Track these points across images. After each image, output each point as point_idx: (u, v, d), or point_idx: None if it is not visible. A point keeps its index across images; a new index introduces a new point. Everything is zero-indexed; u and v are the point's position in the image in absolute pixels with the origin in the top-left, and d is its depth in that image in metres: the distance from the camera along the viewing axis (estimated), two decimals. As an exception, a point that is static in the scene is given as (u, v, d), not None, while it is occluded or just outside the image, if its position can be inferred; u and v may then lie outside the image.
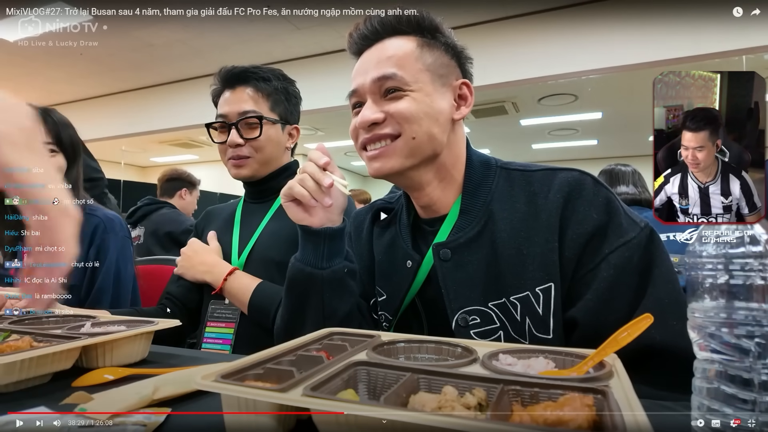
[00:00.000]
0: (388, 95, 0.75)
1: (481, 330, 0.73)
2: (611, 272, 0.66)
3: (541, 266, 0.70)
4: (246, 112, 1.13)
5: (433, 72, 0.76)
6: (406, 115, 0.73)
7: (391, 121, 0.75)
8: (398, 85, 0.74)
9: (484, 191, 0.78)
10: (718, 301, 0.38)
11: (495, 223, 0.74)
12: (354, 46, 0.81)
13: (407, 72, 0.74)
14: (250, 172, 1.16)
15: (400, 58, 0.75)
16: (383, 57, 0.76)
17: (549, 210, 0.71)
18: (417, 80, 0.75)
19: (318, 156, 0.77)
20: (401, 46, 0.76)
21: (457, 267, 0.75)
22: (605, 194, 0.70)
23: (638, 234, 0.67)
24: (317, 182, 0.76)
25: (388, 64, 0.75)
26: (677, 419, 0.48)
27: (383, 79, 0.75)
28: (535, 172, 0.76)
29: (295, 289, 0.79)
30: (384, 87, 0.75)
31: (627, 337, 0.50)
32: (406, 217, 0.85)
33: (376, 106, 0.76)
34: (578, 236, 0.69)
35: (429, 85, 0.75)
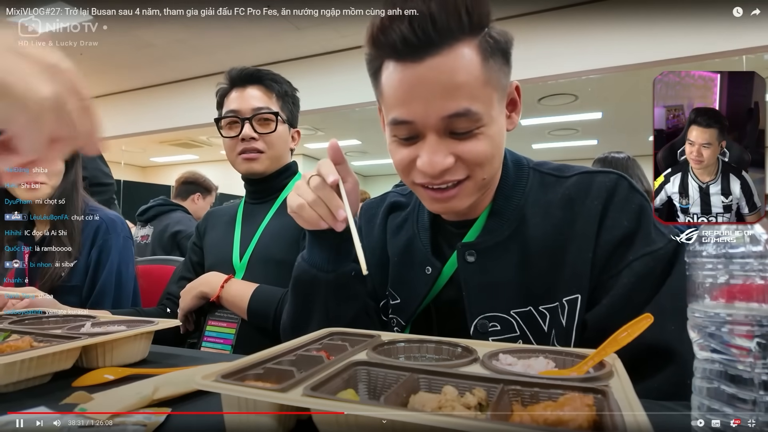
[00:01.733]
0: (461, 135, 0.63)
1: (500, 338, 0.70)
2: (632, 279, 0.64)
3: (573, 276, 0.67)
4: (260, 108, 1.15)
5: (497, 87, 0.64)
6: (481, 160, 0.64)
7: (462, 165, 0.64)
8: (471, 125, 0.62)
9: (517, 194, 0.73)
10: (718, 301, 0.38)
11: (527, 229, 0.71)
12: (388, 50, 0.62)
13: (481, 104, 0.61)
14: (262, 168, 1.17)
15: (473, 87, 0.60)
16: (451, 84, 0.60)
17: (587, 218, 0.67)
18: (489, 109, 0.62)
19: (328, 172, 0.67)
20: (467, 65, 0.60)
21: (481, 270, 0.71)
22: (639, 201, 0.67)
23: (665, 245, 0.65)
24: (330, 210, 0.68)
25: (459, 96, 0.60)
26: (677, 419, 0.48)
27: (455, 117, 0.61)
28: (570, 177, 0.72)
29: (300, 289, 0.77)
30: (454, 127, 0.62)
31: (627, 337, 0.50)
32: (426, 217, 0.79)
33: (444, 146, 0.63)
34: (606, 243, 0.66)
35: (497, 105, 0.64)
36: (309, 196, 0.69)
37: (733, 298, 0.37)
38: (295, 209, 0.70)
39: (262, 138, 1.15)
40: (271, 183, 1.20)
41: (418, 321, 0.80)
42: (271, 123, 1.16)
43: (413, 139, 0.65)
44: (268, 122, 1.16)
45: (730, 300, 0.37)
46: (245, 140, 1.14)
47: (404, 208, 0.85)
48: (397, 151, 0.68)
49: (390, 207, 0.87)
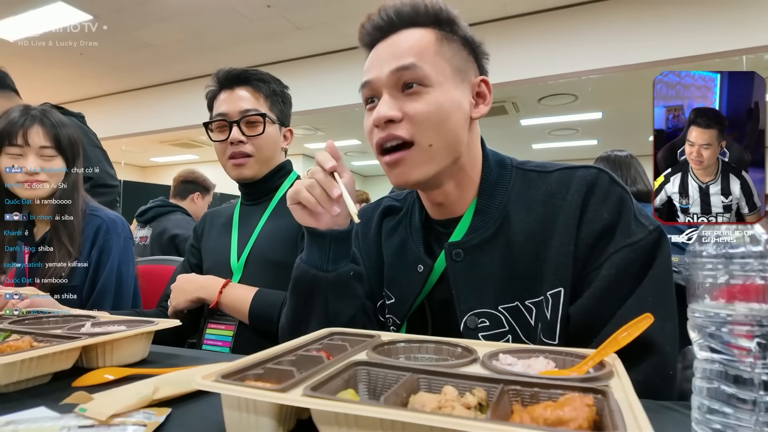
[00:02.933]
0: (407, 90, 0.70)
1: (489, 333, 0.71)
2: (612, 272, 0.65)
3: (556, 270, 0.68)
4: (248, 110, 1.13)
5: (454, 66, 0.72)
6: (423, 119, 0.69)
7: (408, 123, 0.70)
8: (418, 79, 0.70)
9: (500, 192, 0.76)
10: (718, 301, 0.38)
11: (511, 225, 0.73)
12: (367, 38, 0.76)
13: (427, 63, 0.70)
14: (251, 173, 1.15)
15: (420, 49, 0.71)
16: (401, 48, 0.71)
17: (567, 212, 0.69)
18: (438, 74, 0.70)
19: (325, 159, 0.72)
20: (420, 37, 0.72)
21: (469, 268, 0.73)
22: (619, 194, 0.69)
23: (645, 236, 0.65)
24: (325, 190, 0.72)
25: (407, 55, 0.70)
26: (677, 419, 0.48)
27: (402, 70, 0.70)
28: (552, 173, 0.74)
29: (300, 290, 0.78)
30: (402, 80, 0.70)
31: (627, 337, 0.50)
32: (418, 218, 0.83)
33: (394, 101, 0.71)
34: (587, 236, 0.67)
35: (450, 79, 0.72)
36: (306, 182, 0.73)
37: (733, 298, 0.37)
38: (294, 196, 0.74)
39: (251, 141, 1.13)
40: (265, 185, 1.19)
41: (413, 320, 0.81)
42: (258, 125, 1.14)
43: (374, 102, 0.74)
44: (255, 125, 1.14)
45: (730, 300, 0.37)
46: (234, 144, 1.13)
47: (398, 212, 0.89)
48: (366, 120, 0.76)
49: (384, 211, 0.90)
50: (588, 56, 4.11)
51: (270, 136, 1.16)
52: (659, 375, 0.60)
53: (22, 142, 1.14)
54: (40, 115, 1.18)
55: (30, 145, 1.15)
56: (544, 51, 4.24)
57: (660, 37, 3.84)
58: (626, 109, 6.51)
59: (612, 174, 0.71)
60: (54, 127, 1.19)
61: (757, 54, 3.78)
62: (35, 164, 1.15)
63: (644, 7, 3.91)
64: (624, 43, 3.98)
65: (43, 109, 1.21)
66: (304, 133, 7.82)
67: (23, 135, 1.14)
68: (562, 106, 6.43)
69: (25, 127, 1.15)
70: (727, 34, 3.63)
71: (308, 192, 0.72)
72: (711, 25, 3.69)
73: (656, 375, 0.60)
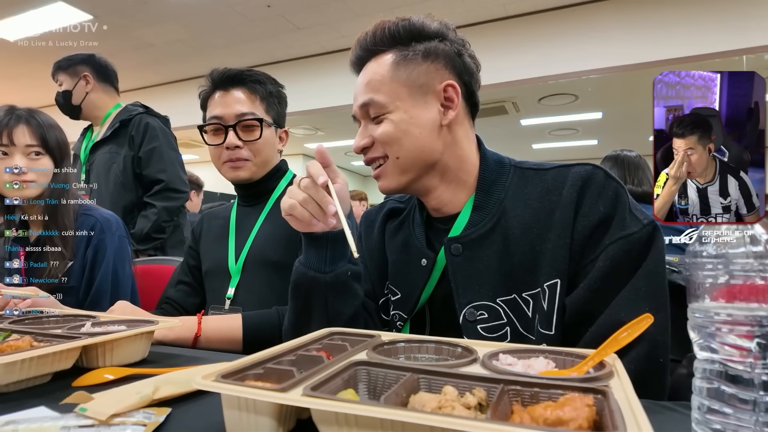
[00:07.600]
0: (374, 119, 0.79)
1: (488, 325, 0.74)
2: (607, 263, 0.67)
3: (552, 262, 0.70)
4: (244, 114, 1.11)
5: (410, 86, 0.77)
6: (386, 139, 0.77)
7: (377, 145, 0.79)
8: (376, 109, 0.78)
9: (497, 189, 0.79)
10: (718, 301, 0.38)
11: (508, 220, 0.75)
12: (353, 69, 0.86)
13: (382, 95, 0.77)
14: (248, 175, 1.14)
15: (376, 83, 0.78)
16: (363, 84, 0.80)
17: (563, 206, 0.71)
18: (394, 99, 0.77)
19: (317, 172, 0.72)
20: (376, 69, 0.79)
21: (467, 262, 0.76)
22: (615, 188, 0.71)
23: (639, 230, 0.67)
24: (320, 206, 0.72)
25: (366, 91, 0.79)
26: (677, 419, 0.48)
27: (364, 107, 0.79)
28: (549, 170, 0.77)
29: (299, 292, 0.79)
30: (368, 113, 0.79)
31: (627, 336, 0.50)
32: (419, 217, 0.86)
33: (365, 129, 0.81)
34: (583, 228, 0.69)
35: (407, 99, 0.77)
36: (300, 196, 0.73)
37: (733, 298, 0.37)
38: (288, 210, 0.74)
39: (248, 145, 1.11)
40: (261, 186, 1.18)
41: (420, 317, 0.84)
42: (255, 130, 1.12)
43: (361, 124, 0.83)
44: (252, 129, 1.12)
45: (730, 300, 0.37)
46: (230, 149, 1.10)
47: (401, 213, 0.92)
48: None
49: (388, 213, 0.94)
50: (588, 56, 4.11)
51: (267, 139, 1.14)
52: (650, 362, 0.62)
53: (7, 142, 1.14)
54: (26, 114, 1.18)
55: (15, 145, 1.15)
56: (544, 51, 4.24)
57: (660, 37, 3.84)
58: (626, 109, 6.51)
59: (607, 170, 0.73)
60: (41, 127, 1.18)
61: (757, 54, 3.78)
62: (21, 163, 1.14)
63: (644, 7, 3.91)
64: (624, 43, 3.98)
65: (29, 109, 1.21)
66: (304, 133, 7.82)
67: (8, 134, 1.14)
68: (562, 106, 6.43)
69: (9, 126, 1.15)
70: (727, 34, 3.63)
71: (302, 207, 0.73)
72: (711, 25, 3.69)
73: (647, 362, 0.61)
